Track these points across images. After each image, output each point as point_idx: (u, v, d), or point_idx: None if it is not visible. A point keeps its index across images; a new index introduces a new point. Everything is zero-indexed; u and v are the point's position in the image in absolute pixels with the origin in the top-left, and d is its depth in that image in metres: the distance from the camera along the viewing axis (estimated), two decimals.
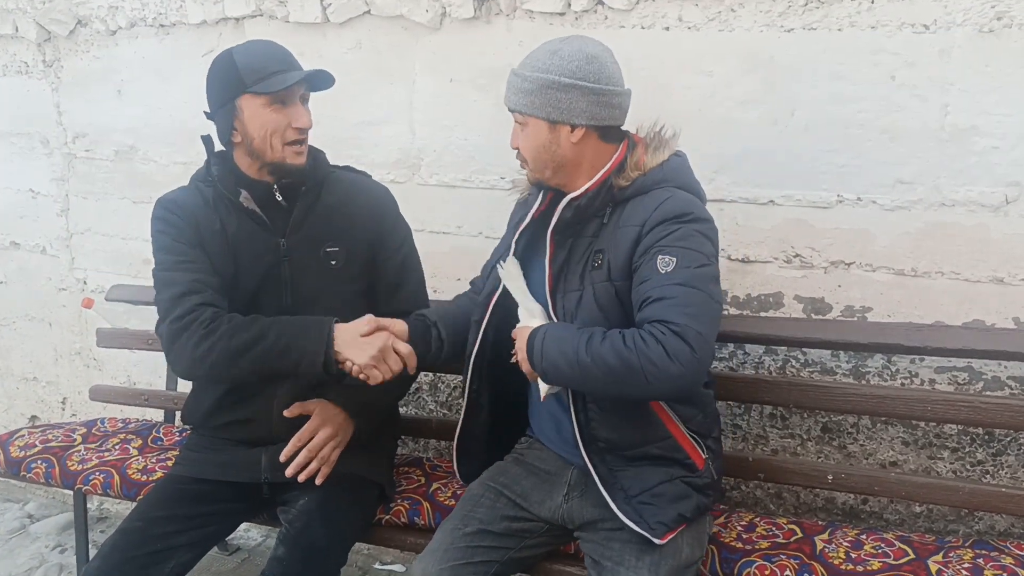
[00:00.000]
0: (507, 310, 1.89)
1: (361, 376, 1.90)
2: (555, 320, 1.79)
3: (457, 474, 2.09)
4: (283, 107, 1.95)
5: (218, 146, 2.08)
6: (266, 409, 2.08)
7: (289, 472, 1.98)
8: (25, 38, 3.34)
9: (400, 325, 1.98)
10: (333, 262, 2.07)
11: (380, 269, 2.15)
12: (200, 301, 1.94)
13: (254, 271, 2.04)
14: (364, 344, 1.89)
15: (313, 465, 2.01)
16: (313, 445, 2.01)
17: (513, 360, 1.81)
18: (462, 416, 2.02)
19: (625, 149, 1.81)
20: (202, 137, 2.08)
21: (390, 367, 1.90)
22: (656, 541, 1.72)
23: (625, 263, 1.71)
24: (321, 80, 1.99)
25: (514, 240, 1.90)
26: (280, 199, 2.04)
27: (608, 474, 1.78)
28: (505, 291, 1.87)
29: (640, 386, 1.57)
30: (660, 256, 1.64)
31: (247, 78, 1.93)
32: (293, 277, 2.05)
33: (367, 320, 1.92)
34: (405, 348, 1.93)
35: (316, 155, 2.10)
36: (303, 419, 2.07)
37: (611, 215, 1.78)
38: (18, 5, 3.30)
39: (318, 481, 2.01)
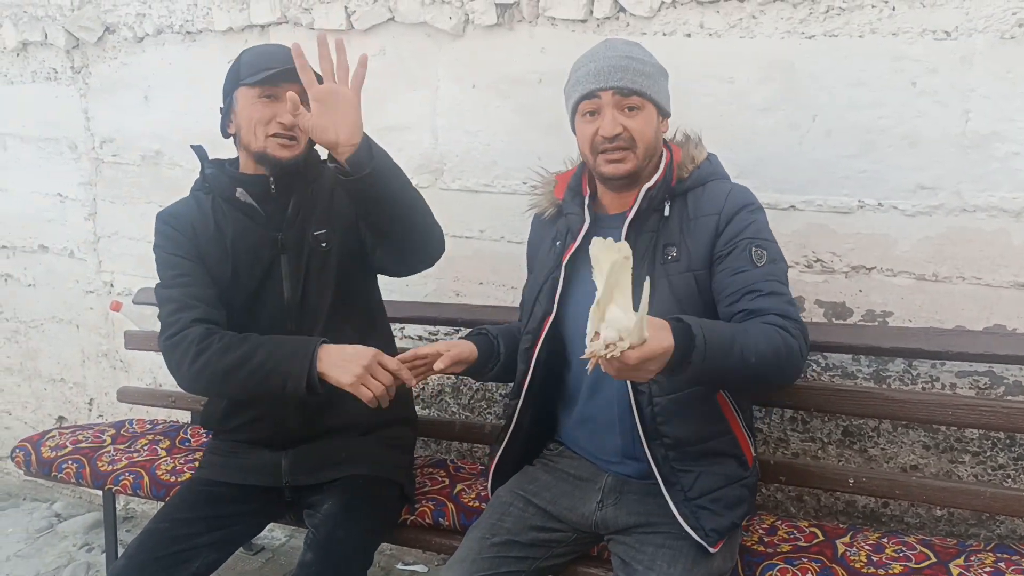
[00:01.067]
0: (556, 335, 1.90)
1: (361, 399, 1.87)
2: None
3: (491, 491, 2.06)
4: (273, 102, 1.99)
5: (212, 154, 2.14)
6: (277, 409, 2.11)
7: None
8: (54, 45, 3.40)
9: (467, 346, 1.93)
10: (324, 244, 2.09)
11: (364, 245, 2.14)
12: (193, 317, 1.97)
13: (254, 269, 2.07)
14: (347, 363, 1.85)
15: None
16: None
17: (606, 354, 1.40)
18: (506, 441, 2.00)
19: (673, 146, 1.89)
20: (193, 147, 2.14)
21: (380, 382, 1.84)
22: (710, 550, 1.73)
23: (706, 253, 1.77)
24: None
25: (565, 262, 1.88)
26: (274, 191, 2.07)
27: (670, 473, 1.77)
28: (556, 317, 1.87)
29: (779, 376, 1.66)
30: (753, 248, 1.74)
31: (243, 72, 2.00)
32: (292, 270, 2.08)
33: (410, 353, 1.88)
34: (394, 363, 1.87)
35: (309, 152, 2.11)
36: (318, 418, 2.11)
37: (671, 208, 1.82)
38: (47, 12, 3.36)
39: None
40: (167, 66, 3.19)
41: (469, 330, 2.12)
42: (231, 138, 2.11)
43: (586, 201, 1.91)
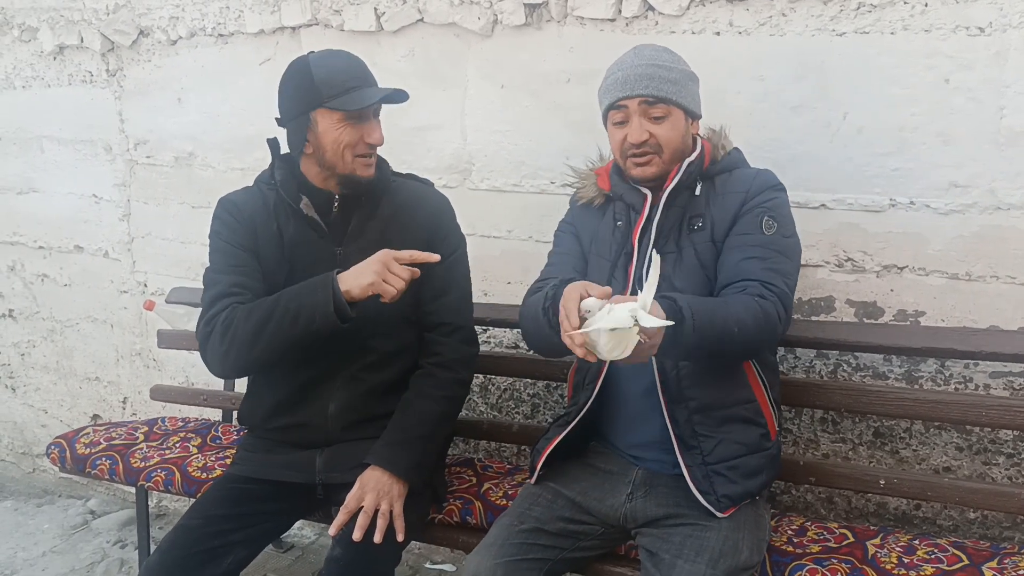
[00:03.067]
0: None
1: (383, 299, 1.89)
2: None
3: (535, 478, 2.03)
4: (358, 123, 1.99)
5: (283, 149, 2.12)
6: (321, 413, 2.12)
7: (356, 536, 1.89)
8: (90, 48, 3.45)
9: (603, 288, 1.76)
10: None
11: (426, 276, 2.11)
12: (232, 303, 2.00)
13: (308, 278, 2.07)
14: (364, 269, 1.89)
15: (380, 523, 1.91)
16: (368, 508, 1.93)
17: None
18: (572, 425, 1.97)
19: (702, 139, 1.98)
20: (268, 140, 2.12)
21: (399, 276, 1.88)
22: (718, 515, 1.79)
23: (729, 225, 1.87)
24: (397, 96, 2.01)
25: (636, 239, 1.93)
26: (337, 208, 2.08)
27: (690, 436, 1.83)
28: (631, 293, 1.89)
29: (759, 343, 1.76)
30: (765, 217, 1.84)
31: (324, 92, 1.95)
32: None
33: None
34: (407, 254, 1.91)
35: (380, 165, 2.13)
36: (357, 420, 2.12)
37: (702, 188, 1.92)
38: (83, 16, 3.42)
39: (399, 537, 1.95)
40: (199, 68, 3.24)
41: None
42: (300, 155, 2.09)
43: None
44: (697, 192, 1.92)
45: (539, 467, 2.00)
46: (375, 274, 1.87)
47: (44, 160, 3.79)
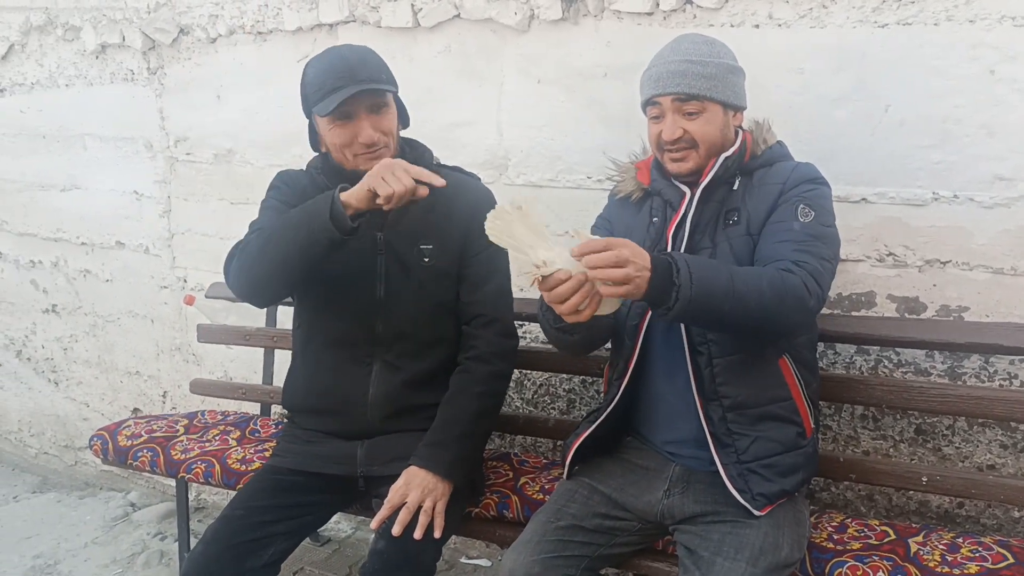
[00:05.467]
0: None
1: (379, 201, 1.82)
2: None
3: (567, 473, 2.04)
4: (348, 122, 1.99)
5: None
6: (360, 400, 2.13)
7: (396, 531, 1.90)
8: (131, 47, 3.50)
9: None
10: (426, 259, 2.11)
11: (465, 266, 2.16)
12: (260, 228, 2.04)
13: (349, 262, 2.09)
14: (364, 177, 1.86)
15: (422, 519, 1.93)
16: (411, 504, 1.93)
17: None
18: (600, 421, 1.97)
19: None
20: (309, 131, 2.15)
21: (398, 179, 1.80)
22: (756, 512, 1.77)
23: (765, 218, 1.83)
24: (374, 92, 1.98)
25: (671, 235, 1.89)
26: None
27: (725, 435, 1.82)
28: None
29: (781, 316, 1.66)
30: (801, 206, 1.79)
31: (311, 97, 2.01)
32: (388, 271, 2.10)
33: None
34: (417, 169, 1.84)
35: (421, 153, 2.14)
36: (396, 411, 2.13)
37: (740, 183, 1.89)
38: (125, 15, 3.46)
39: (437, 534, 1.94)
40: (238, 66, 3.27)
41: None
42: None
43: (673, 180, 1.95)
44: (735, 187, 1.88)
45: (568, 462, 2.01)
46: (373, 175, 1.82)
47: (86, 157, 3.85)
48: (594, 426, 1.98)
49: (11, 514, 3.74)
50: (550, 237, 1.57)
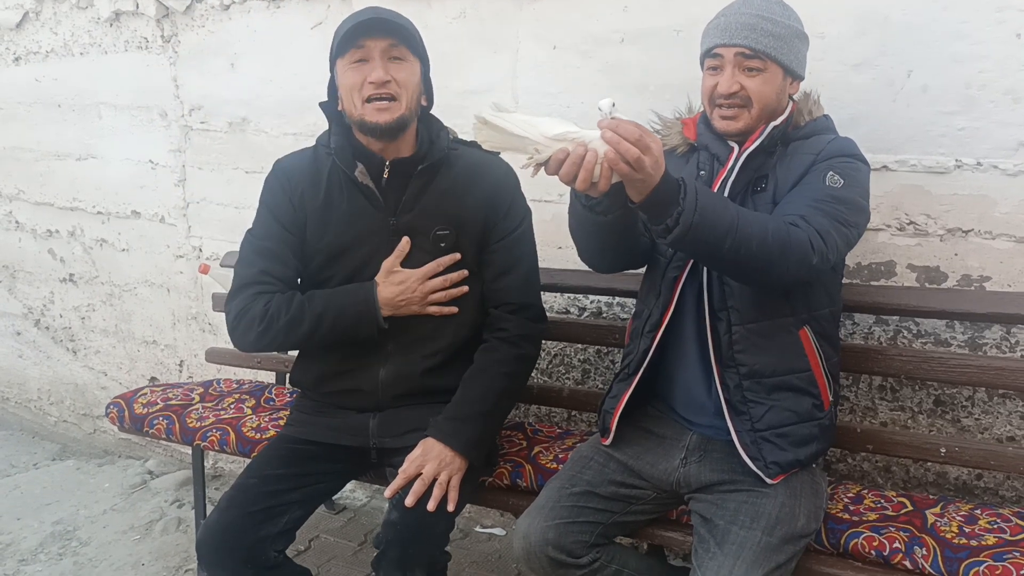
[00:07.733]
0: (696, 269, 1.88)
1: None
2: None
3: (611, 436, 1.98)
4: (364, 64, 1.95)
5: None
6: (372, 379, 2.12)
7: (409, 502, 1.89)
8: (145, 14, 3.48)
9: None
10: (443, 244, 2.07)
11: (489, 254, 2.12)
12: (258, 291, 2.05)
13: (363, 246, 2.07)
14: (402, 302, 2.04)
15: (436, 492, 1.91)
16: (426, 476, 1.92)
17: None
18: (637, 380, 1.93)
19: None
20: (320, 105, 2.11)
21: (437, 289, 2.04)
22: (768, 481, 1.77)
23: (791, 187, 1.80)
24: (392, 32, 1.94)
25: (715, 189, 1.85)
26: (387, 175, 2.04)
27: (740, 402, 1.81)
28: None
29: (781, 267, 1.61)
30: (831, 172, 1.75)
31: (336, 48, 1.98)
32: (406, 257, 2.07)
33: None
34: (431, 267, 2.04)
35: (438, 132, 2.09)
36: (407, 391, 2.11)
37: (777, 152, 1.86)
38: None
39: (450, 508, 1.93)
40: (252, 33, 3.24)
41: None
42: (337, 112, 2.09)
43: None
44: (774, 158, 1.85)
45: (613, 428, 1.96)
46: (418, 305, 2.04)
47: (101, 126, 3.84)
48: (632, 384, 1.93)
49: (31, 481, 3.78)
50: (540, 119, 1.56)
